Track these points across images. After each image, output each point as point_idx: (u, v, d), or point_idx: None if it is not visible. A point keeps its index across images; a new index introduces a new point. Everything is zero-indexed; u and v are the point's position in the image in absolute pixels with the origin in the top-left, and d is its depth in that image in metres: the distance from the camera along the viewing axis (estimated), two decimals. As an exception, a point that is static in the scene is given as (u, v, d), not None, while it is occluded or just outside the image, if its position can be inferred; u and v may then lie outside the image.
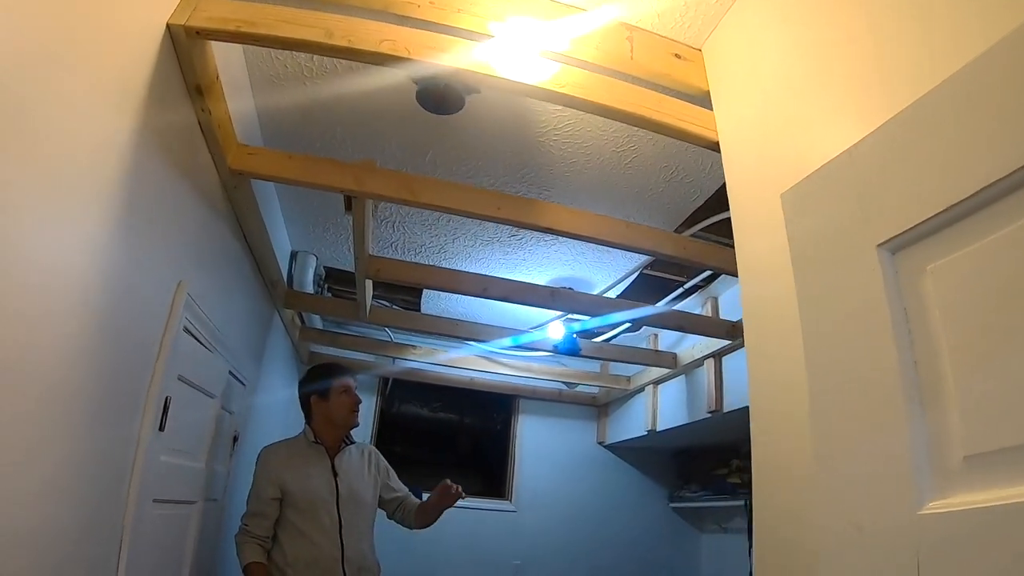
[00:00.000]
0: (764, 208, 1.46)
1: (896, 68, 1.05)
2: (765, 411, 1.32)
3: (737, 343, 3.08)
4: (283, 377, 3.53)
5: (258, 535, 2.09)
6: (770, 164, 1.48)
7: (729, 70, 1.70)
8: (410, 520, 2.45)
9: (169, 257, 1.61)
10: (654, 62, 1.71)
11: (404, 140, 2.26)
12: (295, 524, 2.12)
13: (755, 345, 1.38)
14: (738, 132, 1.62)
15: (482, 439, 5.41)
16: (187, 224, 1.71)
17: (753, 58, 1.60)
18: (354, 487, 2.25)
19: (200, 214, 1.79)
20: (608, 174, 2.41)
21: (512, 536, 4.22)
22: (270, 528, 2.12)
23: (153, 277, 1.51)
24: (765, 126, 1.52)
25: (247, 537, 2.09)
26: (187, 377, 1.88)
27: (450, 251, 3.11)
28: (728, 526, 4.19)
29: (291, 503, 2.13)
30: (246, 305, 2.47)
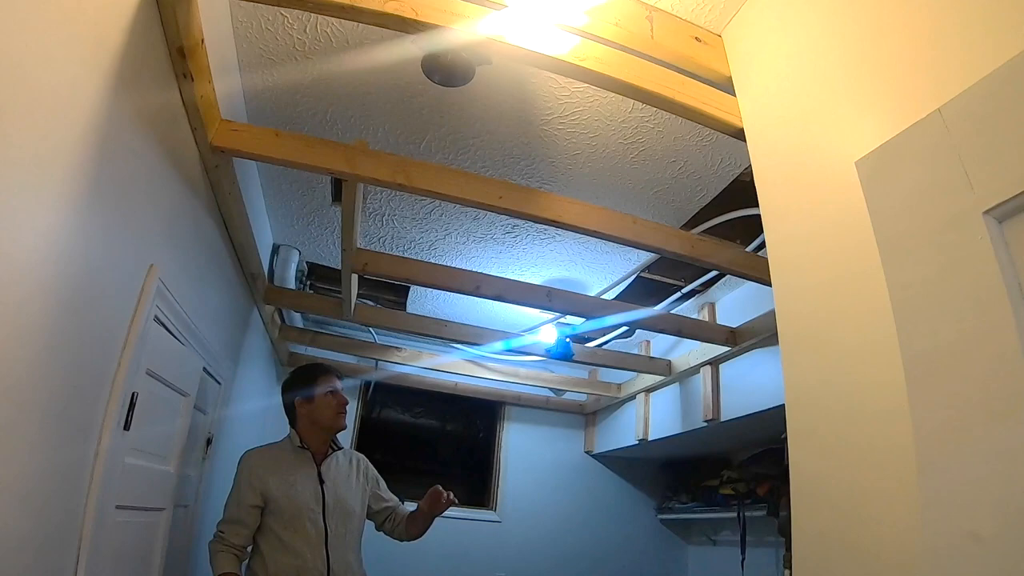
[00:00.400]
0: (797, 195, 1.37)
1: (950, 48, 0.96)
2: (806, 415, 1.20)
3: (736, 350, 2.99)
4: (261, 378, 3.35)
5: (234, 544, 1.92)
6: (803, 151, 1.39)
7: (754, 56, 1.61)
8: (401, 531, 2.28)
9: (140, 237, 1.45)
10: (675, 43, 1.60)
11: (398, 124, 2.13)
12: (277, 534, 1.96)
13: (792, 341, 1.27)
14: (766, 118, 1.53)
15: (464, 446, 5.25)
16: (161, 202, 1.56)
17: (780, 44, 1.53)
18: (341, 495, 2.10)
19: (176, 193, 1.64)
20: (613, 168, 2.30)
21: (497, 547, 4.06)
22: (248, 538, 1.96)
23: (121, 258, 1.35)
24: (796, 112, 1.43)
25: (222, 545, 1.91)
26: (157, 372, 1.71)
27: (440, 248, 2.97)
28: (717, 538, 4.08)
29: (274, 511, 1.97)
30: (223, 298, 2.30)
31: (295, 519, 1.97)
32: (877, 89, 1.17)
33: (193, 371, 2.05)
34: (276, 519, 1.96)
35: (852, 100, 1.25)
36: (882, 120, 1.11)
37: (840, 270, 1.17)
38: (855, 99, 1.24)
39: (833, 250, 1.22)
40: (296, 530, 1.96)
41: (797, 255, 1.33)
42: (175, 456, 1.96)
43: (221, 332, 2.33)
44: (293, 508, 1.97)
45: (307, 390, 2.13)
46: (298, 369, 2.26)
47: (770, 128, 1.51)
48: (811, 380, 1.21)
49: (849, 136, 1.24)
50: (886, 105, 1.12)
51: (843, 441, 1.10)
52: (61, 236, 1.05)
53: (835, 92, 1.31)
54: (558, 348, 3.27)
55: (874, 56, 1.19)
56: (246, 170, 2.22)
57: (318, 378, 2.16)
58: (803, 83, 1.41)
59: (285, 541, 1.95)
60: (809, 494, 1.15)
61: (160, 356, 1.73)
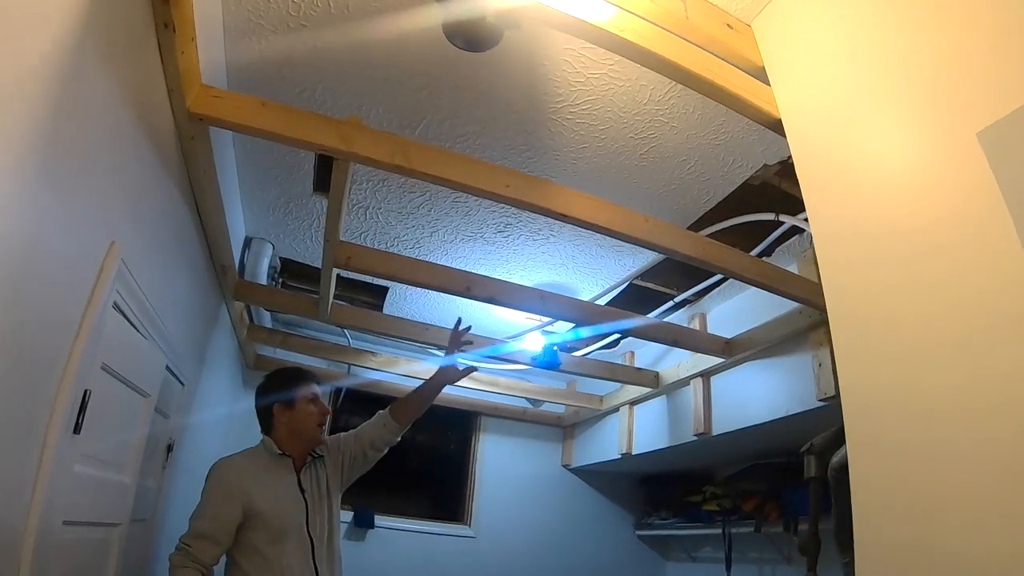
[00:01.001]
0: (841, 186, 1.27)
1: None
2: (869, 421, 1.08)
3: (730, 362, 2.89)
4: (227, 381, 3.11)
5: (201, 561, 1.70)
6: (846, 142, 1.29)
7: (789, 46, 1.52)
8: (391, 429, 2.10)
9: (101, 209, 1.25)
10: (709, 27, 1.49)
11: (394, 106, 1.96)
12: (260, 550, 1.75)
13: (845, 335, 1.15)
14: (807, 109, 1.43)
15: (436, 459, 5.04)
16: (129, 172, 1.36)
17: (819, 35, 1.44)
18: (323, 504, 1.94)
19: (146, 163, 1.44)
20: (620, 164, 2.17)
21: (470, 564, 3.86)
22: (218, 558, 1.74)
23: (78, 231, 1.15)
24: (837, 104, 1.33)
25: (188, 560, 1.69)
26: (114, 367, 1.49)
27: (426, 246, 2.80)
28: (697, 555, 3.97)
29: (258, 526, 1.76)
30: (191, 289, 2.08)
31: (282, 534, 1.78)
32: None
33: (155, 369, 1.83)
34: (259, 534, 1.76)
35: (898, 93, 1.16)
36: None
37: (903, 267, 1.07)
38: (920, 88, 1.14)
39: (894, 246, 1.12)
40: (282, 545, 1.77)
41: (850, 250, 1.23)
42: (132, 465, 1.73)
43: (187, 327, 2.11)
44: (280, 522, 1.78)
45: (287, 395, 1.94)
46: (277, 372, 2.06)
47: (810, 119, 1.41)
48: (872, 383, 1.09)
49: (910, 125, 1.15)
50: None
51: (911, 447, 0.99)
52: (6, 202, 0.85)
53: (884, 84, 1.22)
54: (545, 356, 3.12)
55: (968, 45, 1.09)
56: (222, 150, 2.02)
57: (299, 383, 1.98)
58: (852, 74, 1.32)
59: (270, 558, 1.75)
60: (875, 506, 1.03)
61: (118, 349, 1.51)
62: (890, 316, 1.10)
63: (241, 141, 2.13)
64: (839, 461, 1.58)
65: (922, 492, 0.94)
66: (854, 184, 1.25)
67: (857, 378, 1.13)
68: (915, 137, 1.14)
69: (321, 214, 2.61)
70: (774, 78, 1.54)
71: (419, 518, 3.97)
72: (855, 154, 1.27)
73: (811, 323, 2.45)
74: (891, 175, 1.17)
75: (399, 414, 2.18)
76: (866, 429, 1.09)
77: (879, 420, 1.07)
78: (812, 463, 1.79)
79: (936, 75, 1.10)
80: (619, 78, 1.82)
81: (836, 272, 1.25)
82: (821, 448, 1.78)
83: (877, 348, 1.11)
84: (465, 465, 4.30)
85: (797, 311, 2.52)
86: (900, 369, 1.03)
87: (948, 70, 1.08)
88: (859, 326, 1.16)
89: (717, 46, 1.50)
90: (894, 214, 1.13)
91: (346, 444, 2.15)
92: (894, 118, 1.19)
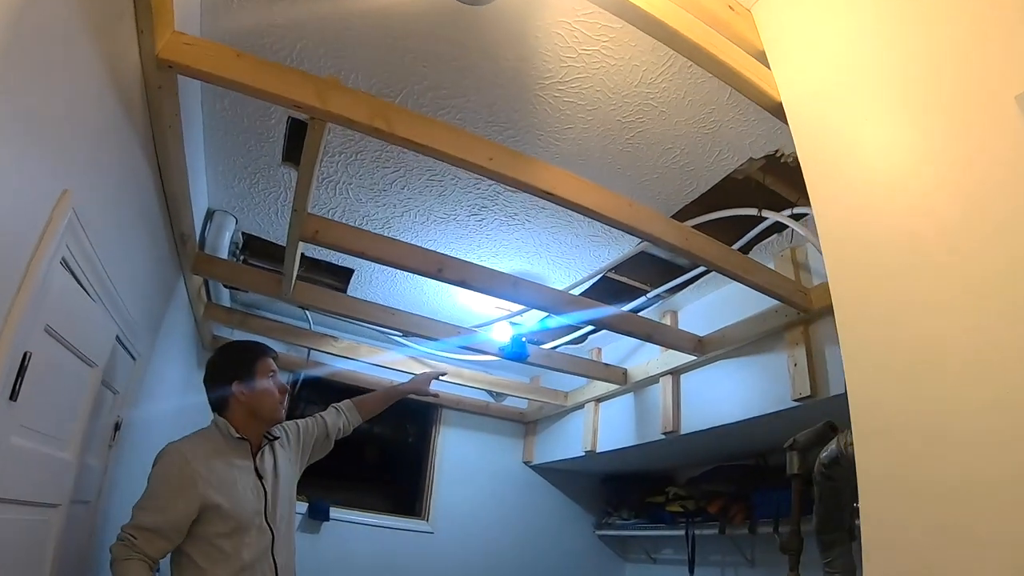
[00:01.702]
0: (846, 172, 1.24)
1: None
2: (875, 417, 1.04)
3: (701, 360, 2.88)
4: (180, 359, 2.94)
5: (147, 555, 1.55)
6: (848, 128, 1.26)
7: (789, 32, 1.50)
8: (354, 419, 2.21)
9: (55, 152, 1.13)
10: (713, 6, 1.45)
11: (375, 70, 1.86)
12: (217, 544, 1.61)
13: (849, 322, 1.12)
14: (805, 95, 1.40)
15: (393, 451, 4.92)
16: (88, 117, 1.24)
17: (822, 23, 1.41)
18: (281, 490, 1.81)
19: (108, 109, 1.32)
20: (604, 148, 2.13)
21: (429, 560, 3.75)
22: (166, 552, 1.59)
23: (26, 172, 1.03)
24: (839, 90, 1.31)
25: (133, 552, 1.53)
26: (58, 331, 1.36)
27: (396, 226, 2.70)
28: (657, 556, 3.96)
29: (215, 519, 1.62)
30: (147, 257, 1.94)
31: (241, 527, 1.65)
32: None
33: (104, 337, 1.69)
34: (215, 527, 1.62)
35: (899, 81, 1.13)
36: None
37: (911, 254, 1.03)
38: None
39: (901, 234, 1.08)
40: (242, 538, 1.64)
41: (855, 240, 1.19)
42: (75, 440, 1.58)
43: (141, 297, 1.96)
44: (239, 515, 1.65)
45: (246, 372, 1.80)
46: (231, 346, 1.93)
47: (814, 105, 1.38)
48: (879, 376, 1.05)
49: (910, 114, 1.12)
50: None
51: (919, 440, 0.95)
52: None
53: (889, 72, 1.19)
54: (513, 348, 3.05)
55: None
56: (189, 110, 1.89)
57: (257, 358, 1.84)
58: (853, 61, 1.30)
59: (228, 552, 1.61)
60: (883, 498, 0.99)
61: (64, 311, 1.38)
62: (897, 303, 1.06)
63: (210, 102, 2.00)
64: (828, 457, 1.56)
65: (930, 482, 0.90)
66: (859, 171, 1.22)
67: (864, 371, 1.09)
68: (921, 123, 1.12)
69: (289, 187, 2.49)
70: (775, 64, 1.51)
71: (376, 511, 3.84)
72: (859, 140, 1.24)
73: (787, 322, 2.45)
74: (895, 163, 1.15)
75: (364, 408, 2.24)
76: (873, 424, 1.05)
77: (886, 414, 1.03)
78: (795, 459, 1.77)
79: (941, 61, 1.08)
80: (612, 56, 1.77)
81: (841, 263, 1.21)
82: (804, 445, 1.76)
83: (883, 338, 1.07)
84: (424, 459, 4.20)
85: (773, 310, 2.51)
86: (908, 361, 1.00)
87: (955, 53, 1.06)
88: (865, 316, 1.13)
89: (720, 26, 1.46)
90: (899, 201, 1.11)
91: (310, 427, 2.08)
92: (900, 105, 1.16)
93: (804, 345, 2.41)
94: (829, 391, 2.29)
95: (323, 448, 2.13)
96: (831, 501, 1.62)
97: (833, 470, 1.56)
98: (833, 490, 1.59)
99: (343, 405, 2.23)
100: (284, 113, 2.05)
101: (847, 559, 1.68)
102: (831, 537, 1.67)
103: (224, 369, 1.83)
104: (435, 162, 2.27)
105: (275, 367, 1.89)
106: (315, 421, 2.12)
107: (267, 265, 3.02)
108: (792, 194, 2.39)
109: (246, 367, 1.81)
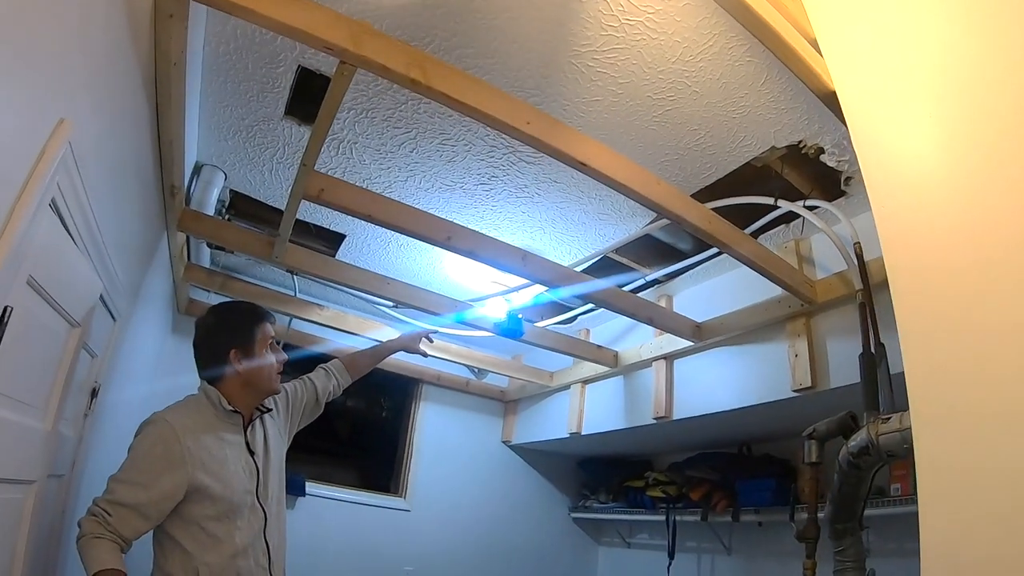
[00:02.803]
0: (902, 164, 1.18)
1: None
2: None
3: (698, 346, 2.85)
4: (156, 323, 2.76)
5: (121, 534, 1.40)
6: (910, 111, 1.20)
7: (844, 20, 1.42)
8: (344, 379, 2.11)
9: (54, 75, 0.99)
10: (773, -14, 1.37)
11: (404, 17, 1.70)
12: (205, 527, 1.48)
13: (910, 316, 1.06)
14: (859, 84, 1.33)
15: (365, 425, 4.81)
16: (91, 39, 1.10)
17: (878, 12, 1.34)
18: (273, 466, 1.69)
19: (113, 33, 1.17)
20: (630, 124, 2.04)
21: (404, 538, 3.68)
22: (141, 534, 1.45)
23: (21, 95, 0.89)
24: (894, 84, 1.25)
25: (104, 529, 1.38)
26: (41, 284, 1.22)
27: (399, 191, 2.56)
28: (632, 540, 3.97)
29: (204, 500, 1.49)
30: (135, 209, 1.78)
31: (233, 510, 1.53)
32: None
33: (88, 293, 1.53)
34: (205, 509, 1.49)
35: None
36: None
37: (968, 249, 0.98)
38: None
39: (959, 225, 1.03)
40: (234, 522, 1.52)
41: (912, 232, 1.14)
42: (52, 409, 1.43)
43: (126, 252, 1.81)
44: (231, 497, 1.53)
45: (244, 339, 1.65)
46: (229, 307, 1.78)
47: (868, 97, 1.32)
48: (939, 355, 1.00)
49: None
50: None
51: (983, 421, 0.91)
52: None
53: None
54: (509, 324, 2.96)
55: None
56: (191, 50, 1.72)
57: (257, 324, 1.69)
58: (908, 56, 1.24)
59: (219, 536, 1.49)
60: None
61: (49, 262, 1.24)
62: (957, 296, 1.01)
63: (213, 44, 1.83)
64: (857, 446, 1.54)
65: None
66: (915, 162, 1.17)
67: (925, 359, 1.04)
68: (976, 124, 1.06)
69: (287, 143, 2.33)
70: (827, 51, 1.44)
71: (353, 487, 3.74)
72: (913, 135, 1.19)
73: (791, 313, 2.43)
74: (946, 158, 1.09)
75: (354, 367, 2.14)
76: (933, 406, 1.00)
77: (947, 395, 0.98)
78: (813, 448, 1.75)
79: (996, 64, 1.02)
80: (655, 30, 1.68)
81: (900, 251, 1.16)
82: (824, 434, 1.74)
83: (945, 322, 1.02)
84: (401, 435, 4.10)
85: (776, 300, 2.49)
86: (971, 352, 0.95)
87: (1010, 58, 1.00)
88: (926, 309, 1.07)
89: (779, 8, 1.38)
90: (954, 194, 1.05)
91: (299, 392, 1.95)
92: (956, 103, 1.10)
93: (806, 336, 2.39)
94: (830, 383, 2.28)
95: (312, 413, 2.01)
96: (851, 490, 1.61)
97: (861, 459, 1.55)
98: (858, 479, 1.58)
99: (332, 366, 2.11)
100: (294, 62, 1.89)
101: (858, 547, 1.68)
102: (844, 526, 1.67)
103: (219, 333, 1.67)
104: (448, 126, 2.16)
105: (273, 333, 1.75)
106: (303, 385, 1.99)
107: (253, 225, 2.86)
108: (806, 186, 2.35)
109: (244, 333, 1.66)
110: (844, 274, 2.24)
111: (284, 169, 2.49)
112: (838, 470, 1.62)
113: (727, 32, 1.65)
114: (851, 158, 2.06)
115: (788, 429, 2.86)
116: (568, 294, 2.50)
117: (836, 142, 2.02)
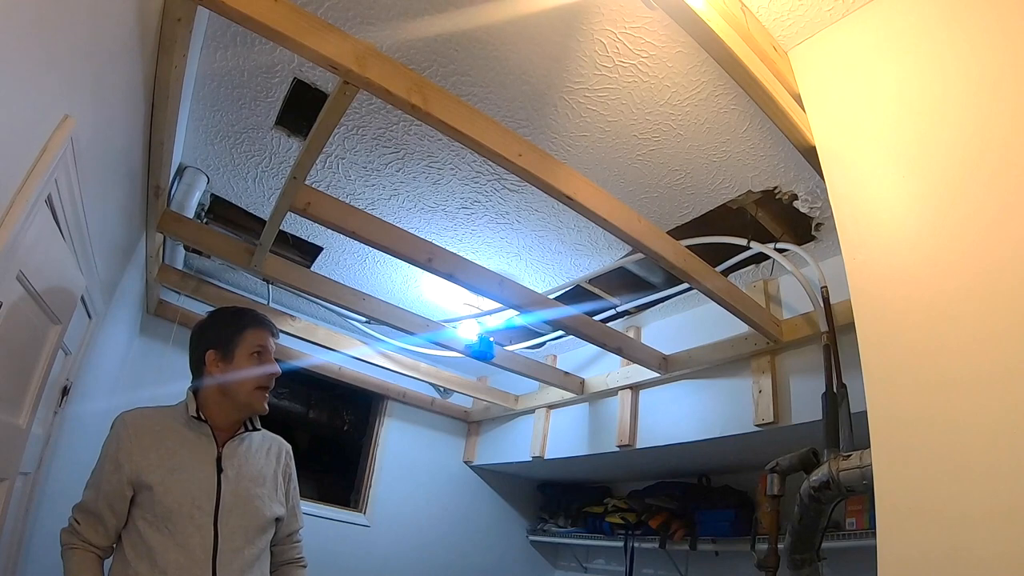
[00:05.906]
0: (875, 220, 1.27)
1: None
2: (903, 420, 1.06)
3: (664, 378, 2.92)
4: (126, 324, 2.71)
5: (92, 544, 1.36)
6: (877, 178, 1.30)
7: (828, 80, 1.53)
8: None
9: (63, 70, 1.00)
10: (762, 43, 1.47)
11: (402, 44, 1.76)
12: (144, 536, 1.37)
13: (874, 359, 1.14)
14: (837, 140, 1.44)
15: (325, 438, 4.76)
16: (102, 35, 1.10)
17: (860, 76, 1.46)
18: (247, 493, 1.50)
19: (122, 30, 1.19)
20: (614, 160, 2.12)
21: (364, 554, 3.62)
22: (110, 537, 1.40)
23: (29, 88, 0.90)
24: (870, 143, 1.35)
25: (78, 540, 1.35)
26: (30, 280, 1.21)
27: (382, 209, 2.59)
28: (589, 565, 3.99)
29: (145, 504, 1.39)
30: (120, 206, 1.77)
31: (171, 519, 1.37)
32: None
33: (72, 291, 1.52)
34: (145, 514, 1.39)
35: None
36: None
37: (936, 297, 1.07)
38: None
39: (926, 276, 1.12)
40: (172, 535, 1.37)
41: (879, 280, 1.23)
42: (28, 405, 1.40)
43: (109, 250, 1.79)
44: (171, 502, 1.38)
45: (224, 342, 1.55)
46: (221, 310, 1.67)
47: (846, 152, 1.42)
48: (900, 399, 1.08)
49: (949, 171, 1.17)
50: None
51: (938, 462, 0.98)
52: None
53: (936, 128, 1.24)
54: (481, 347, 3.00)
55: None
56: (189, 54, 1.74)
57: (246, 327, 1.57)
58: (885, 114, 1.34)
59: (153, 547, 1.35)
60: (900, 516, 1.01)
61: (39, 258, 1.23)
62: (922, 349, 1.10)
63: (210, 49, 1.85)
64: (818, 480, 1.61)
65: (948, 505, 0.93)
66: (888, 217, 1.26)
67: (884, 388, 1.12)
68: (944, 183, 1.16)
69: (275, 152, 2.34)
70: (809, 107, 1.54)
71: (311, 499, 3.68)
72: (887, 191, 1.28)
73: (756, 350, 2.52)
74: (916, 216, 1.19)
75: None
76: (892, 444, 1.08)
77: (906, 434, 1.06)
78: (776, 481, 1.83)
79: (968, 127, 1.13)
80: (647, 73, 1.76)
81: (868, 298, 1.25)
82: (786, 468, 1.82)
83: (907, 368, 1.10)
84: (364, 449, 4.06)
85: (743, 337, 2.58)
86: (928, 381, 1.03)
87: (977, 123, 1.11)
88: (889, 360, 1.16)
89: (768, 63, 1.48)
90: (921, 251, 1.14)
91: (288, 494, 1.68)
92: (935, 163, 1.20)
93: (770, 373, 2.48)
94: (791, 419, 2.37)
95: None
96: (811, 522, 1.69)
97: (822, 493, 1.62)
98: (818, 512, 1.66)
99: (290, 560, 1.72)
100: (291, 73, 1.92)
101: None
102: (803, 557, 1.74)
103: (203, 333, 1.60)
104: (436, 149, 2.20)
105: (267, 344, 1.60)
106: (294, 517, 1.69)
107: (232, 232, 2.84)
108: (777, 229, 2.46)
109: (226, 337, 1.56)
110: (810, 315, 2.34)
111: (269, 178, 2.50)
112: (799, 503, 1.69)
113: (715, 80, 1.75)
114: (823, 205, 2.18)
115: (748, 461, 2.95)
116: (541, 319, 2.55)
117: (810, 190, 2.13)
